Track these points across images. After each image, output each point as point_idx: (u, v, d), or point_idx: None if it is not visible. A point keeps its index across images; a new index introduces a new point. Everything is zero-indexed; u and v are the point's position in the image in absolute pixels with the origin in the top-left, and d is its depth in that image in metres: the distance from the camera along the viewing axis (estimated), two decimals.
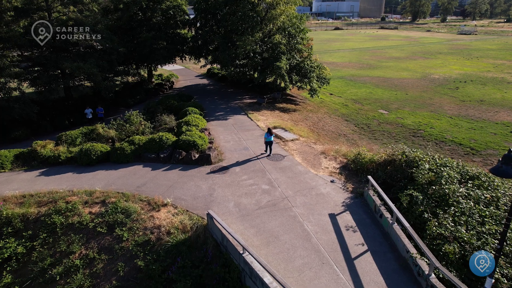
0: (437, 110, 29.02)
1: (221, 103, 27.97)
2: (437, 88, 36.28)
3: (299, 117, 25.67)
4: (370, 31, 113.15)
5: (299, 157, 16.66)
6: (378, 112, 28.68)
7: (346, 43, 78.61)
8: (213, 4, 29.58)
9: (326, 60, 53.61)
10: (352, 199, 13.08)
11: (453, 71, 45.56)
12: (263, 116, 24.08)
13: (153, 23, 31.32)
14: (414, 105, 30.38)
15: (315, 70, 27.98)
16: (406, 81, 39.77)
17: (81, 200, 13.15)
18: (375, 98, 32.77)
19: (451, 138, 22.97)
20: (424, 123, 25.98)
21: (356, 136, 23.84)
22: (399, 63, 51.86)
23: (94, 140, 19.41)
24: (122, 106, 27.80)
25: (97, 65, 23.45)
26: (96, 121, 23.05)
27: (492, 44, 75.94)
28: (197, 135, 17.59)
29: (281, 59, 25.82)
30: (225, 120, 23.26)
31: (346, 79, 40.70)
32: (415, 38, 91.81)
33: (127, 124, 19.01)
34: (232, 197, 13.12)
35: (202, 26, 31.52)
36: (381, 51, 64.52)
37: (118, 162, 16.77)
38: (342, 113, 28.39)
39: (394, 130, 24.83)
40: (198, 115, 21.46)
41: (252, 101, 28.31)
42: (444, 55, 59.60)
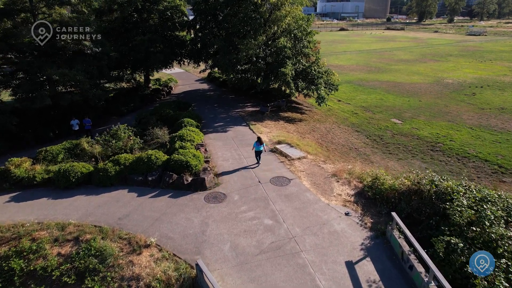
0: (455, 119, 26.72)
1: (221, 112, 25.86)
2: (452, 94, 33.93)
3: (305, 128, 23.49)
4: (376, 32, 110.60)
5: (307, 181, 14.50)
6: (391, 122, 26.42)
7: (352, 44, 76.25)
8: (213, 4, 27.51)
9: (332, 63, 51.38)
10: (372, 239, 10.90)
11: (467, 75, 43.15)
12: (266, 127, 21.94)
13: (149, 25, 29.29)
14: (429, 114, 28.08)
15: (323, 76, 25.81)
16: (418, 86, 37.44)
17: (51, 237, 11.09)
18: (386, 105, 30.50)
19: (474, 153, 20.69)
20: (443, 134, 23.71)
21: (368, 150, 21.63)
22: (409, 66, 49.48)
23: (78, 157, 17.41)
24: (115, 114, 25.78)
25: (86, 71, 21.46)
26: (83, 133, 21.07)
27: (504, 46, 73.25)
28: (191, 153, 15.49)
29: (286, 64, 23.68)
30: (225, 132, 21.15)
31: (355, 84, 38.45)
32: (423, 39, 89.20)
33: (113, 140, 16.95)
34: (228, 236, 11.00)
35: (201, 28, 29.46)
36: (389, 53, 62.13)
37: (101, 185, 14.71)
38: (352, 122, 26.17)
39: (410, 143, 22.58)
40: (194, 128, 19.35)
41: (255, 110, 26.18)
42: (456, 58, 57.10)
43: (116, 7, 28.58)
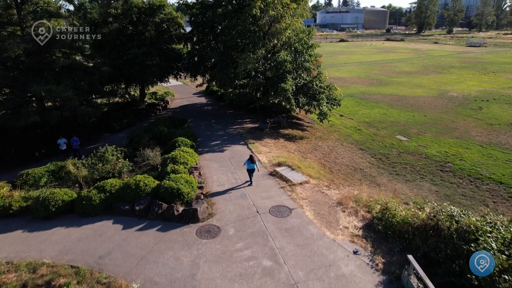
0: (463, 136, 25.51)
1: (218, 129, 24.66)
2: (458, 109, 32.81)
3: (307, 146, 22.25)
4: (376, 43, 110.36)
5: (310, 211, 13.18)
6: (396, 139, 25.20)
7: (352, 56, 75.64)
8: (211, 17, 26.55)
9: (333, 75, 50.48)
10: (385, 285, 9.55)
11: (471, 87, 42.13)
12: (266, 146, 20.70)
13: (145, 37, 28.33)
14: (436, 130, 26.88)
15: (325, 91, 24.69)
16: (422, 99, 36.36)
17: (19, 282, 9.73)
18: (390, 120, 29.33)
19: (488, 174, 19.41)
20: (452, 153, 22.46)
21: (374, 170, 20.34)
22: (411, 78, 48.54)
23: (63, 180, 16.14)
24: (107, 131, 24.58)
25: (75, 87, 20.33)
26: (71, 153, 19.82)
27: (505, 57, 72.59)
28: (184, 179, 14.20)
29: (286, 79, 22.59)
30: (221, 152, 19.90)
31: (357, 97, 37.37)
32: (423, 50, 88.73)
33: (100, 164, 15.68)
34: (221, 281, 9.63)
35: (199, 41, 28.48)
36: (390, 65, 61.34)
37: (84, 214, 13.39)
38: (355, 139, 24.94)
39: (417, 163, 21.30)
40: (188, 149, 18.10)
41: (254, 126, 24.98)
42: (458, 70, 56.26)
43: (111, 20, 27.71)
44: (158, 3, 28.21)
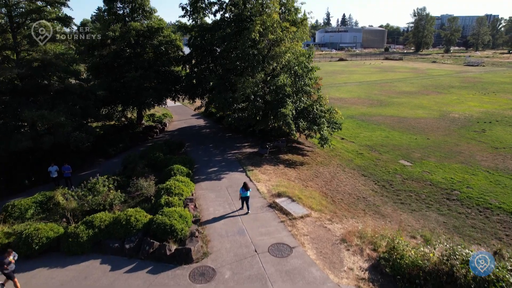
0: (468, 161, 24.78)
1: (216, 154, 23.96)
2: (461, 131, 32.23)
3: (308, 173, 21.48)
4: (375, 62, 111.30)
5: (312, 250, 12.30)
6: (400, 164, 24.46)
7: (352, 75, 75.88)
8: (210, 40, 26.35)
9: (333, 96, 50.25)
10: None
11: (473, 108, 41.74)
12: (265, 174, 19.94)
13: (143, 59, 28.04)
14: (439, 154, 26.18)
15: (326, 115, 24.13)
16: (423, 121, 35.85)
17: None
18: (393, 144, 28.67)
19: (497, 203, 18.56)
20: (458, 180, 21.68)
21: (378, 199, 19.50)
22: (412, 99, 48.26)
23: (51, 212, 15.32)
24: (102, 156, 23.85)
25: (69, 112, 19.77)
26: (62, 181, 19.02)
27: (504, 77, 72.80)
28: (178, 213, 13.37)
29: (286, 104, 22.06)
30: (219, 180, 19.12)
31: (357, 119, 36.88)
32: (422, 69, 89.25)
33: (90, 196, 14.87)
34: None
35: (197, 64, 28.18)
36: (390, 85, 61.30)
37: (70, 253, 12.49)
38: (357, 165, 24.20)
39: (422, 191, 20.48)
40: (184, 178, 17.34)
41: (253, 151, 24.30)
42: (458, 90, 56.15)
43: (109, 41, 27.48)
44: (157, 25, 28.08)
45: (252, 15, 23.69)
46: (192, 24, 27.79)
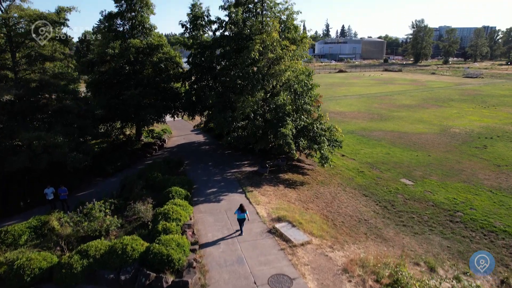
0: (470, 179, 24.47)
1: (215, 173, 23.67)
2: (462, 147, 31.99)
3: (308, 194, 21.15)
4: (374, 74, 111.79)
5: (313, 281, 11.92)
6: (401, 183, 24.14)
7: (352, 88, 76.06)
8: (209, 57, 26.33)
9: (333, 109, 50.22)
10: None
11: (473, 123, 41.60)
12: (265, 195, 19.61)
13: (142, 76, 28.00)
14: (441, 172, 25.88)
15: (326, 133, 23.92)
16: (424, 137, 35.64)
17: None
18: (394, 161, 28.39)
19: (502, 226, 18.18)
20: (461, 200, 21.33)
21: (379, 221, 19.12)
22: (412, 112, 48.17)
23: (45, 238, 14.96)
24: (99, 175, 23.55)
25: (66, 132, 19.55)
26: (58, 203, 18.68)
27: (503, 90, 72.97)
28: (175, 241, 13.03)
29: (286, 123, 21.87)
30: (218, 202, 18.79)
31: (358, 134, 36.68)
32: (422, 81, 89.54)
33: (86, 222, 14.54)
34: None
35: (197, 81, 28.11)
36: (390, 98, 61.35)
37: (64, 284, 12.11)
38: (358, 184, 23.88)
39: (425, 212, 20.11)
40: (182, 201, 17.03)
41: (252, 170, 24.01)
42: (458, 103, 56.15)
43: (109, 58, 27.47)
44: (157, 42, 28.09)
45: (252, 33, 23.69)
46: (192, 42, 27.81)
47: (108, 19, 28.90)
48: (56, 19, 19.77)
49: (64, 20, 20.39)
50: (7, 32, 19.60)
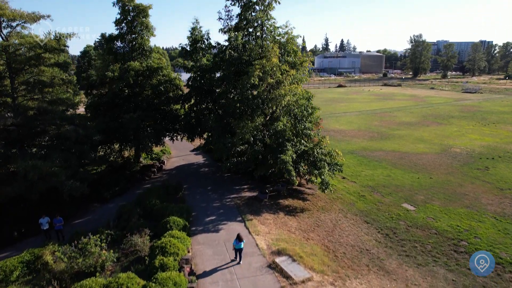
0: (474, 204, 24.08)
1: (214, 198, 23.33)
2: (464, 169, 31.69)
3: (309, 222, 20.74)
4: (374, 89, 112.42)
5: None
6: (403, 208, 23.75)
7: (351, 104, 76.24)
8: (209, 80, 26.31)
9: (333, 127, 50.15)
10: None
11: (474, 142, 41.41)
12: (264, 224, 19.23)
13: (142, 99, 27.94)
14: (443, 196, 25.51)
15: (326, 158, 23.65)
16: (425, 157, 35.37)
17: None
18: (395, 184, 28.05)
19: (508, 258, 17.65)
20: (464, 228, 20.91)
21: (382, 250, 18.68)
22: (412, 131, 48.07)
23: (38, 274, 14.54)
24: (96, 201, 23.16)
25: (64, 159, 19.31)
26: (54, 234, 18.28)
27: (502, 106, 73.16)
28: (172, 280, 12.64)
29: (286, 148, 21.65)
30: (216, 232, 18.41)
31: (358, 154, 36.43)
32: (421, 97, 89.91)
33: (80, 258, 14.14)
34: None
35: (196, 103, 28.03)
36: (390, 115, 61.40)
37: None
38: (359, 209, 23.49)
39: (428, 240, 19.67)
40: (180, 232, 16.67)
41: (252, 195, 23.68)
42: (458, 120, 56.14)
43: (108, 81, 27.46)
44: (156, 65, 28.14)
45: (251, 58, 23.71)
46: (192, 64, 27.86)
47: (108, 41, 29.07)
48: (55, 46, 19.80)
49: (63, 47, 20.41)
50: (6, 59, 19.59)
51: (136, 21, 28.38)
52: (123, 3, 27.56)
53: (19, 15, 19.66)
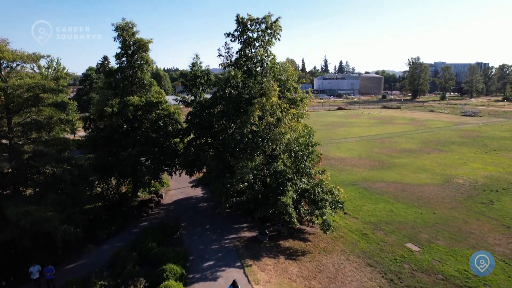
0: (480, 244, 23.27)
1: (212, 239, 22.63)
2: (468, 202, 31.07)
3: (310, 267, 19.99)
4: (373, 112, 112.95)
5: None
6: (407, 249, 23.01)
7: (351, 128, 76.21)
8: (208, 116, 26.13)
9: (333, 155, 49.79)
10: None
11: (477, 171, 40.93)
12: (264, 271, 18.50)
13: (140, 133, 27.67)
14: (448, 235, 24.78)
15: (328, 197, 23.12)
16: (427, 189, 34.79)
17: None
18: (398, 220, 27.36)
19: None
20: (472, 273, 20.12)
21: None
22: (413, 158, 47.67)
23: None
24: (91, 242, 22.43)
25: (58, 202, 18.77)
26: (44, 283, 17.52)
27: (502, 130, 73.16)
28: None
29: (286, 189, 21.17)
30: (214, 281, 17.69)
31: (359, 186, 35.86)
32: (421, 121, 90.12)
33: None
34: None
35: (196, 138, 27.75)
36: (390, 141, 61.18)
37: None
38: (362, 250, 22.75)
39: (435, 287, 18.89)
40: (177, 283, 15.95)
41: (252, 235, 23.00)
42: (459, 146, 55.87)
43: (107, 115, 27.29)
44: (156, 100, 28.07)
45: (251, 96, 23.61)
46: (192, 99, 27.81)
47: (108, 75, 29.13)
48: (54, 87, 19.68)
49: (62, 87, 20.29)
50: (4, 100, 19.42)
51: (136, 55, 28.53)
52: (124, 38, 27.77)
53: (19, 56, 19.68)
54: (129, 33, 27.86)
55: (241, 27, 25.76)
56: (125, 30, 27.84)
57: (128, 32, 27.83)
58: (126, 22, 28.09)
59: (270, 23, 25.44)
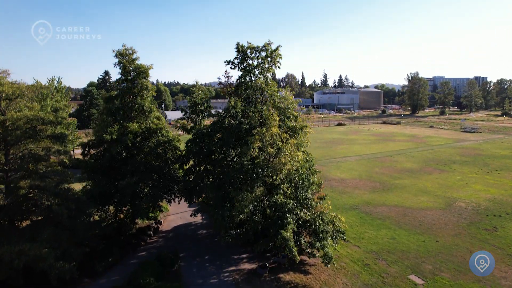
0: (486, 278, 22.71)
1: (211, 272, 22.14)
2: (471, 229, 30.60)
3: None
4: (373, 127, 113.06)
5: None
6: (410, 282, 22.46)
7: (351, 146, 76.05)
8: (207, 144, 25.95)
9: (334, 175, 49.47)
10: None
11: (479, 194, 40.52)
12: None
13: (139, 160, 27.45)
14: (453, 266, 24.25)
15: (329, 228, 22.73)
16: (430, 214, 34.33)
17: None
18: (400, 249, 26.85)
19: None
20: None
21: None
22: (414, 179, 47.32)
23: None
24: (87, 275, 21.89)
25: (53, 237, 18.40)
26: None
27: (503, 148, 73.01)
28: None
29: (287, 221, 20.81)
30: None
31: (361, 210, 35.40)
32: (421, 137, 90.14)
33: None
34: None
35: (195, 165, 27.52)
36: (391, 159, 60.93)
37: None
38: (364, 282, 22.21)
39: None
40: None
41: (251, 268, 22.51)
42: (460, 166, 55.59)
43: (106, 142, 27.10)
44: (155, 126, 27.96)
45: (251, 126, 23.49)
46: (192, 126, 27.71)
47: (108, 101, 29.06)
48: (53, 120, 19.56)
49: (61, 119, 20.18)
50: (2, 133, 19.27)
51: (136, 81, 28.57)
52: (124, 64, 27.87)
53: (19, 89, 19.64)
54: (129, 59, 28.00)
55: (241, 55, 25.90)
56: (125, 57, 27.98)
57: (128, 59, 27.97)
58: (127, 48, 28.25)
59: (270, 51, 25.58)
